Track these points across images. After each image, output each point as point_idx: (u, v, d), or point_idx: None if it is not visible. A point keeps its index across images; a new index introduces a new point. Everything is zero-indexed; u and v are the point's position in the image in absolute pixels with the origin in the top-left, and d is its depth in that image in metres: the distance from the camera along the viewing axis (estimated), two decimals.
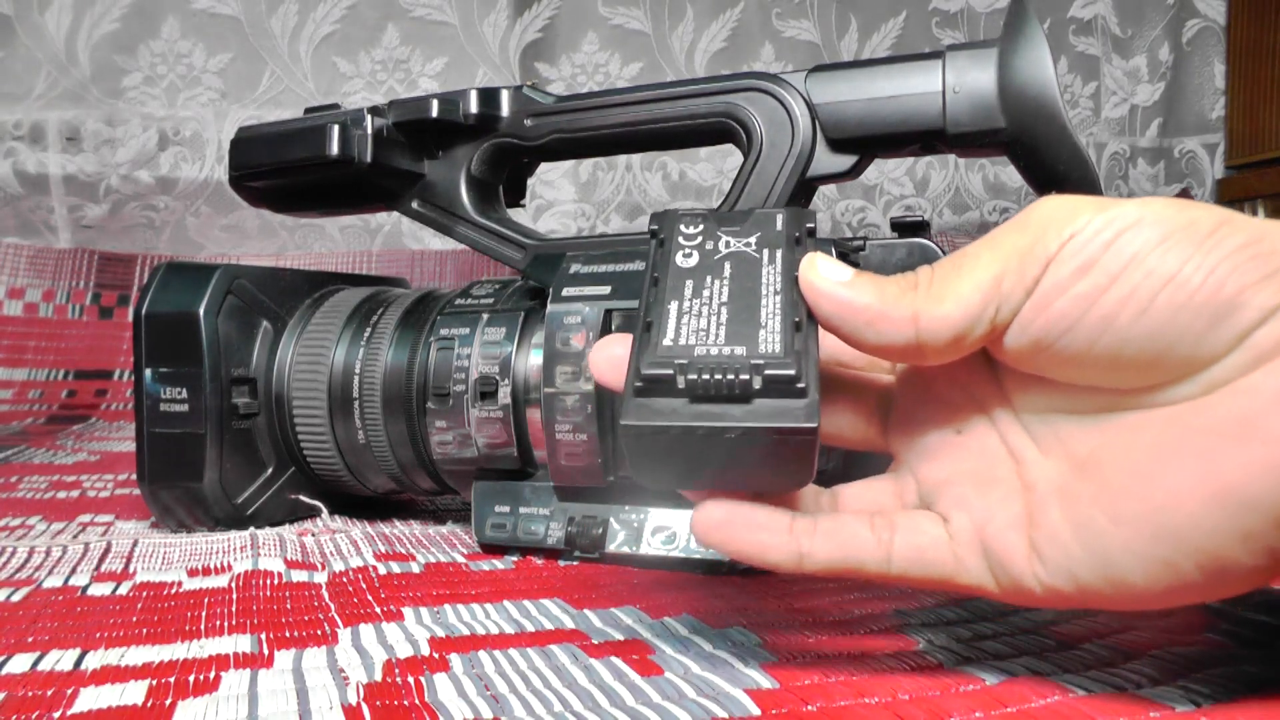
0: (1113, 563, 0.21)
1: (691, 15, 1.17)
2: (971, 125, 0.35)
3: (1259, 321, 0.20)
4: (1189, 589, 0.21)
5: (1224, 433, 0.20)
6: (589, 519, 0.38)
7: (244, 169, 0.46)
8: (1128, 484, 0.21)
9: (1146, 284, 0.21)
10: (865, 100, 0.37)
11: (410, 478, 0.44)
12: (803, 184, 0.38)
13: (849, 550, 0.24)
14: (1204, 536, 0.20)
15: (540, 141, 0.43)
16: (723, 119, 0.40)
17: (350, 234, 1.10)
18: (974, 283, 0.22)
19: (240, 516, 0.44)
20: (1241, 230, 0.21)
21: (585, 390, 0.37)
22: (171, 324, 0.42)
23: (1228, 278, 0.20)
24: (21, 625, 0.30)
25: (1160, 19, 1.31)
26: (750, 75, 0.39)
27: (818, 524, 0.24)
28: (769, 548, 0.24)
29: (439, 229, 0.44)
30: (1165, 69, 1.32)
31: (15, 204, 1.03)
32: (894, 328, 0.23)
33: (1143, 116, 1.33)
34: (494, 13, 1.11)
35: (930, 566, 0.24)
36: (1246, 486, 0.20)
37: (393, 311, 0.45)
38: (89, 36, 1.03)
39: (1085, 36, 1.31)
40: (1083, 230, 0.21)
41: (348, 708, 0.23)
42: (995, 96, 0.35)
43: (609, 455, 0.37)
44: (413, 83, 1.10)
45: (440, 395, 0.41)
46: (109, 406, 1.00)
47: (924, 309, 0.23)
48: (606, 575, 0.36)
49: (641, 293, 0.25)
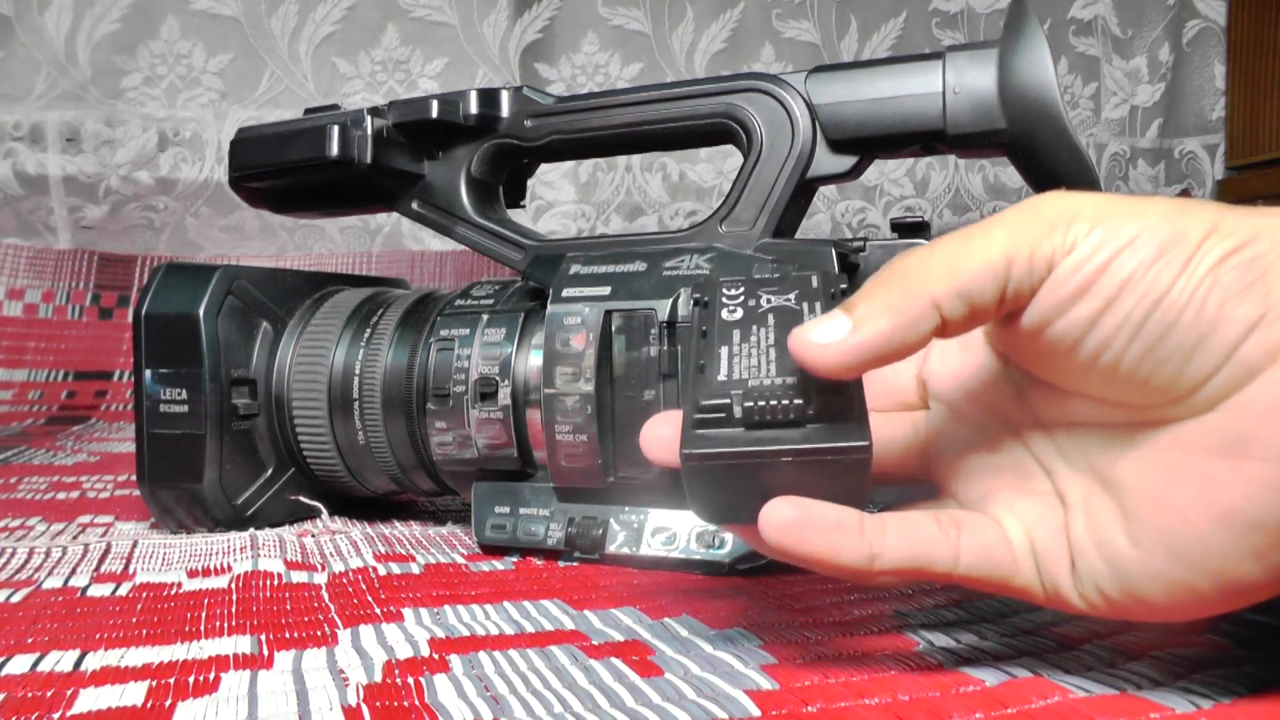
0: (1133, 582, 0.22)
1: (691, 16, 1.17)
2: (972, 126, 0.35)
3: (1244, 335, 0.20)
4: (1209, 603, 0.21)
5: (1221, 452, 0.20)
6: (589, 520, 0.38)
7: (244, 170, 0.46)
8: (1140, 507, 0.22)
9: (1140, 307, 0.21)
10: (865, 101, 0.37)
11: (410, 478, 0.44)
12: (803, 185, 0.38)
13: (920, 549, 0.23)
14: (1216, 559, 0.20)
15: (540, 142, 0.43)
16: (723, 120, 0.40)
17: (350, 235, 1.10)
18: (985, 259, 0.22)
19: (240, 517, 0.44)
20: (1229, 237, 0.20)
21: (585, 391, 0.37)
22: (171, 325, 0.42)
23: (1210, 293, 0.20)
24: (21, 626, 0.30)
25: (1160, 19, 1.31)
26: (750, 76, 0.39)
27: (887, 523, 0.24)
28: (842, 549, 0.23)
29: (439, 229, 0.44)
30: (1165, 69, 1.32)
31: (15, 205, 1.03)
32: (922, 327, 0.22)
33: (1143, 117, 1.33)
34: (494, 13, 1.11)
35: (995, 567, 0.24)
36: (1248, 507, 0.20)
37: (393, 312, 0.45)
38: (89, 37, 1.02)
39: (1085, 37, 1.31)
40: (1081, 245, 0.21)
41: (348, 709, 0.23)
42: (995, 97, 0.35)
43: (609, 456, 0.37)
44: (413, 83, 1.10)
45: (440, 396, 0.41)
46: (109, 407, 1.00)
47: (941, 290, 0.22)
48: (606, 576, 0.36)
49: (691, 345, 0.27)
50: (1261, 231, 0.20)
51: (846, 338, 0.22)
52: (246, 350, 0.44)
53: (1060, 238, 0.21)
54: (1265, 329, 0.20)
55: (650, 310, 0.37)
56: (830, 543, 0.23)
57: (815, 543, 0.23)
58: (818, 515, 0.23)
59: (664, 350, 0.36)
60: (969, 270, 0.22)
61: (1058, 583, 0.23)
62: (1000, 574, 0.24)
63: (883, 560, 0.23)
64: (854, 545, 0.23)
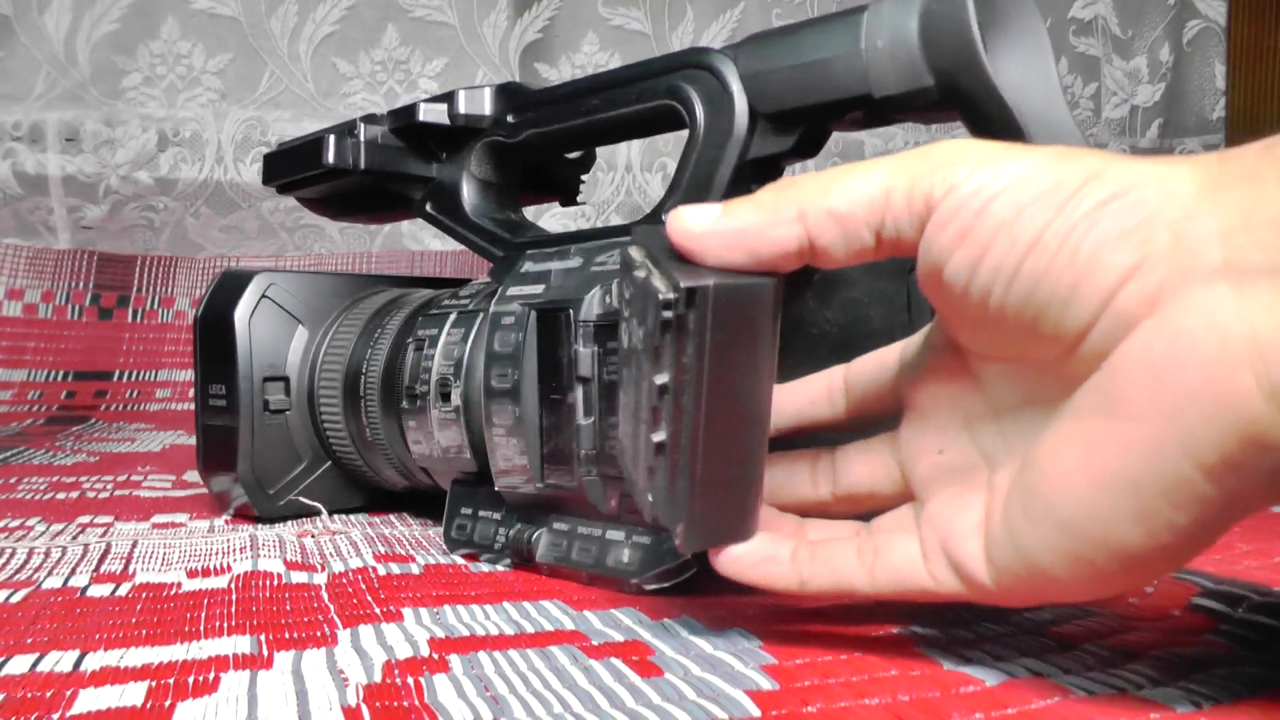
0: (1033, 560, 0.21)
1: (691, 15, 1.17)
2: (897, 86, 0.30)
3: (1119, 282, 0.19)
4: (1108, 577, 0.21)
5: (1099, 411, 0.20)
6: (526, 526, 0.37)
7: (272, 182, 0.49)
8: (1034, 478, 0.21)
9: (1012, 252, 0.20)
10: (788, 67, 0.32)
11: (413, 475, 0.44)
12: (748, 166, 0.34)
13: (840, 576, 0.26)
14: (1099, 525, 0.20)
15: (521, 138, 0.41)
16: (668, 102, 0.36)
17: (350, 235, 1.10)
18: (863, 185, 0.22)
19: (275, 506, 0.47)
20: (1111, 182, 0.20)
21: (513, 393, 0.35)
22: (214, 327, 0.47)
23: (1084, 238, 0.19)
24: (21, 626, 0.30)
25: (1160, 19, 1.31)
26: (691, 51, 0.35)
27: (814, 552, 0.26)
28: (776, 577, 0.26)
29: (444, 230, 0.45)
30: (1166, 69, 1.32)
31: (14, 204, 1.03)
32: (783, 230, 0.23)
33: (1143, 117, 1.33)
34: (494, 13, 1.11)
35: (908, 583, 0.25)
36: (1123, 468, 0.19)
37: (403, 312, 0.45)
38: (88, 37, 1.03)
39: (1085, 37, 1.31)
40: (960, 187, 0.21)
41: (347, 709, 0.23)
42: (918, 50, 0.29)
43: (536, 461, 0.36)
44: (413, 83, 1.10)
45: (411, 396, 0.41)
46: (108, 407, 1.00)
47: (810, 203, 0.23)
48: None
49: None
50: (1148, 178, 0.19)
51: (714, 221, 0.24)
52: (280, 349, 0.47)
53: (941, 177, 0.21)
54: (1141, 277, 0.19)
55: (566, 308, 0.34)
56: (765, 572, 0.26)
57: (754, 573, 0.26)
58: (752, 550, 0.26)
59: (580, 351, 0.33)
60: (843, 191, 0.23)
61: (974, 577, 0.23)
62: (916, 588, 0.24)
63: (811, 585, 0.26)
64: (785, 573, 0.26)
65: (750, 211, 0.24)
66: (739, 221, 0.24)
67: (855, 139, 1.25)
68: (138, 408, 1.01)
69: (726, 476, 0.25)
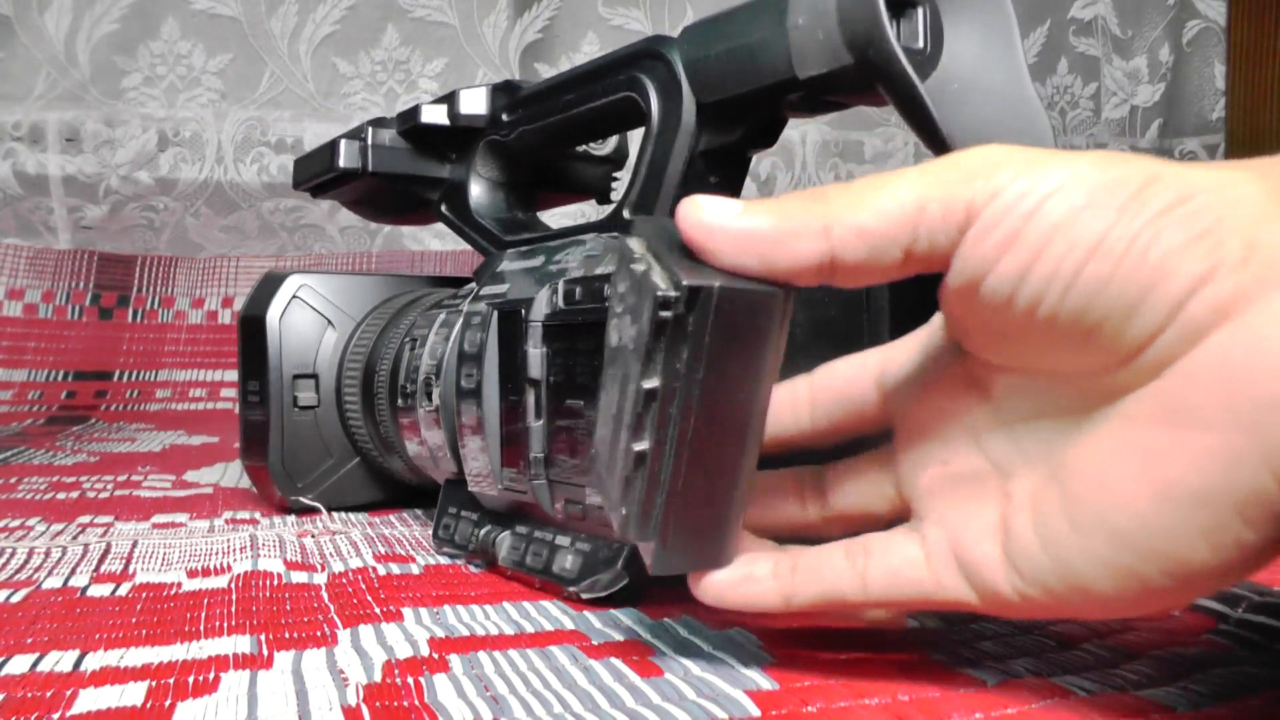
0: (1077, 572, 0.20)
1: (692, 15, 1.17)
2: (818, 66, 0.27)
3: (1190, 290, 0.18)
4: (1161, 593, 0.19)
5: (1165, 421, 0.19)
6: (495, 528, 0.36)
7: (299, 185, 0.51)
8: (1080, 487, 0.20)
9: (1072, 255, 0.19)
10: (720, 53, 0.30)
11: (420, 471, 0.44)
12: (699, 158, 0.32)
13: (827, 584, 0.24)
14: (1160, 540, 0.19)
15: (513, 137, 0.41)
16: (628, 95, 0.34)
17: (350, 235, 1.10)
18: (896, 199, 0.21)
19: (304, 499, 0.49)
20: (1171, 187, 0.19)
21: (475, 393, 0.35)
22: (250, 326, 0.49)
23: (1151, 243, 0.18)
24: (21, 626, 0.30)
25: (1160, 19, 1.31)
26: (649, 40, 0.34)
27: (797, 562, 0.24)
28: (757, 596, 0.25)
29: (455, 231, 0.45)
30: (1165, 70, 1.32)
31: (15, 205, 1.03)
32: (805, 244, 0.21)
33: (1143, 117, 1.33)
34: (494, 13, 1.11)
35: (906, 587, 0.23)
36: (1193, 480, 0.18)
37: (415, 311, 0.46)
38: (89, 37, 1.03)
39: (1085, 37, 1.31)
40: (1005, 191, 0.20)
41: (347, 709, 0.23)
42: (836, 27, 0.27)
43: (495, 464, 0.35)
44: (413, 83, 1.10)
45: (404, 394, 0.41)
46: (108, 407, 1.00)
47: (838, 219, 0.21)
48: None
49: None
50: (1206, 185, 0.19)
51: (731, 217, 0.22)
52: (310, 348, 0.49)
53: (981, 184, 0.20)
54: (1214, 285, 0.18)
55: (517, 308, 0.34)
56: (743, 593, 0.25)
57: (735, 596, 0.25)
58: (731, 574, 0.25)
59: (530, 351, 0.32)
60: (873, 207, 0.21)
61: (990, 584, 0.22)
62: (916, 593, 0.23)
63: (797, 599, 0.24)
64: (767, 590, 0.24)
65: (771, 216, 0.22)
66: (757, 224, 0.22)
67: (854, 139, 1.25)
68: (138, 408, 1.01)
69: (708, 497, 0.23)
